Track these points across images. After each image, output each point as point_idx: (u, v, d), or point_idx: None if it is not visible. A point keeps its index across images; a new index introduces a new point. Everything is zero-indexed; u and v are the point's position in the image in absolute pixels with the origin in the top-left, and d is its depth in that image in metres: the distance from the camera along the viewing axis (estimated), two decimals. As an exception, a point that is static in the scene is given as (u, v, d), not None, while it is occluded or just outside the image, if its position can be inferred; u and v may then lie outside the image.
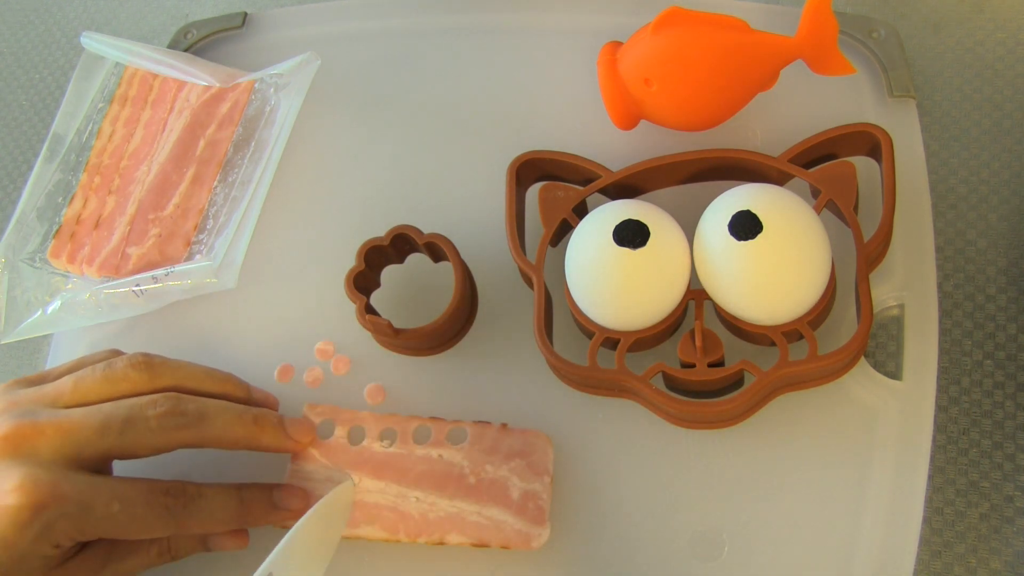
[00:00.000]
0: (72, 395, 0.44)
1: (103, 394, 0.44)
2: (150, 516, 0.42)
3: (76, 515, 0.40)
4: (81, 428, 0.42)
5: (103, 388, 0.44)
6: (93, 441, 0.42)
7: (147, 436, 0.43)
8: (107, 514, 0.41)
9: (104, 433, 0.42)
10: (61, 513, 0.40)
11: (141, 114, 0.60)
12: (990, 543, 0.46)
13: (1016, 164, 0.52)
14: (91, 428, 0.42)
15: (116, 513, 0.41)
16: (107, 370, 0.45)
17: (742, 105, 0.51)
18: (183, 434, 0.43)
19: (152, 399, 0.44)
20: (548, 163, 0.52)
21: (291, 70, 0.58)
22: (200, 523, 0.44)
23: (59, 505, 0.40)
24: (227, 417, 0.45)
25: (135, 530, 0.42)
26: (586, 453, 0.48)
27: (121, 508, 0.41)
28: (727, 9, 0.51)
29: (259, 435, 0.46)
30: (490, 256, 0.53)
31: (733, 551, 0.45)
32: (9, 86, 0.68)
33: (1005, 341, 0.49)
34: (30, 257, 0.57)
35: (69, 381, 0.45)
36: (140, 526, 0.42)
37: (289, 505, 0.46)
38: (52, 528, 0.40)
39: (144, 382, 0.45)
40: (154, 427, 0.43)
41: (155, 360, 0.46)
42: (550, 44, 0.59)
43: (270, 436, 0.46)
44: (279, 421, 0.47)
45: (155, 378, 0.45)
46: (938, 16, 0.57)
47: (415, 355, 0.52)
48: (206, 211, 0.56)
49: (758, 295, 0.45)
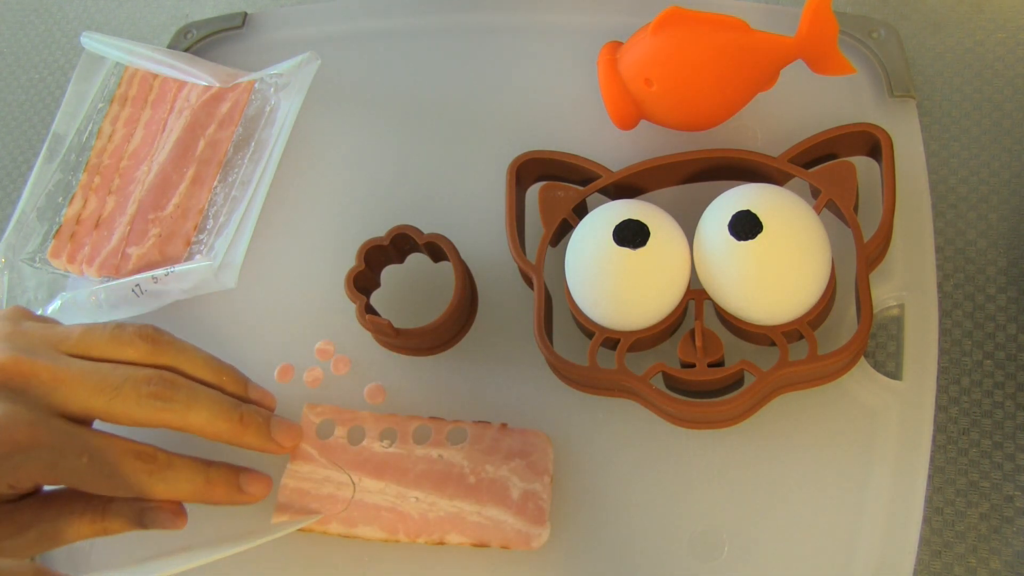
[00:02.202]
0: (77, 343, 0.45)
1: (106, 352, 0.45)
2: (117, 475, 0.42)
3: (46, 460, 0.41)
4: (74, 382, 0.42)
5: (108, 346, 0.45)
6: (82, 398, 0.42)
7: (134, 408, 0.43)
8: (76, 465, 0.41)
9: (95, 394, 0.43)
10: (32, 456, 0.40)
11: (141, 114, 0.60)
12: (990, 543, 0.46)
13: (1016, 164, 0.52)
14: (83, 385, 0.43)
15: (84, 465, 0.41)
16: (116, 330, 0.45)
17: (742, 105, 0.51)
18: (167, 416, 0.44)
19: (148, 375, 0.44)
20: (548, 163, 0.52)
21: (291, 70, 0.58)
22: (164, 491, 0.44)
23: (33, 448, 0.40)
24: (214, 409, 0.45)
25: (99, 485, 0.42)
26: (586, 453, 0.48)
27: (90, 461, 0.42)
28: (727, 9, 0.51)
29: (242, 433, 0.46)
30: (490, 256, 0.53)
31: (733, 551, 0.45)
32: (9, 86, 0.68)
33: (1005, 341, 0.49)
34: (30, 257, 0.57)
35: (78, 329, 0.45)
36: (105, 483, 0.42)
37: (252, 491, 0.46)
38: (19, 468, 0.40)
39: (146, 353, 0.45)
40: (143, 402, 0.43)
41: (163, 336, 0.46)
42: (550, 44, 0.59)
43: (252, 436, 0.46)
44: (265, 422, 0.47)
45: (158, 353, 0.46)
46: (938, 16, 0.57)
47: (415, 355, 0.52)
48: (206, 211, 0.56)
49: (758, 295, 0.45)
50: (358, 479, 0.47)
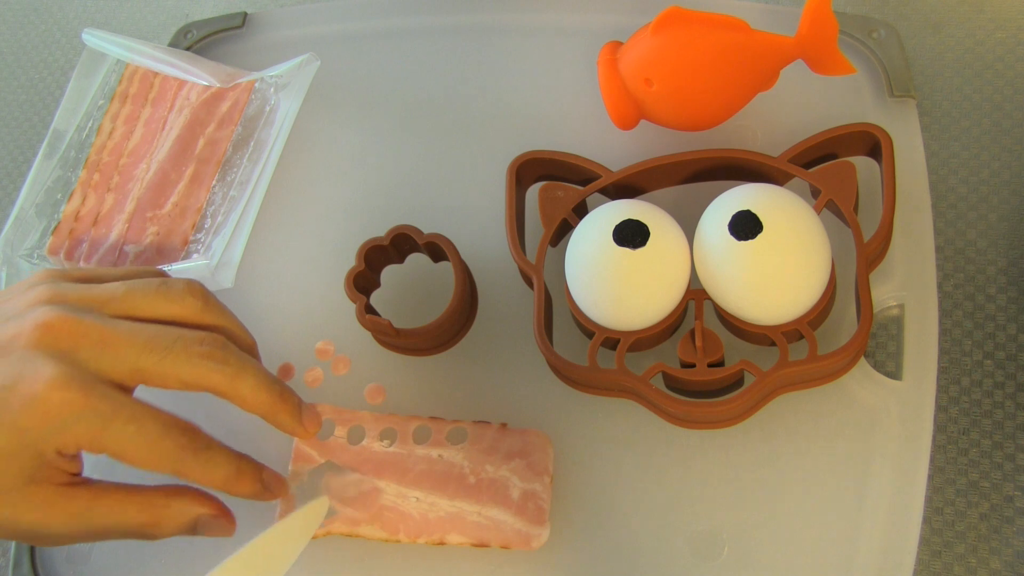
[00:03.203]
0: (121, 304, 0.43)
1: (153, 310, 0.43)
2: (161, 448, 0.41)
3: (94, 424, 0.39)
4: (123, 342, 0.41)
5: (155, 303, 0.43)
6: (132, 358, 0.41)
7: (185, 367, 0.41)
8: (122, 433, 0.40)
9: (145, 352, 0.41)
10: (82, 418, 0.39)
11: (141, 112, 0.60)
12: (990, 543, 0.46)
13: (1016, 164, 0.52)
14: (133, 345, 0.41)
15: (131, 434, 0.40)
16: (163, 287, 0.44)
17: (742, 105, 0.51)
18: (217, 378, 0.42)
19: (200, 335, 0.42)
20: (548, 163, 0.52)
21: (291, 71, 0.58)
22: (200, 472, 0.42)
23: (83, 409, 0.39)
24: (260, 379, 0.44)
25: (142, 456, 0.41)
26: (586, 453, 0.48)
27: (137, 431, 0.40)
28: (727, 9, 0.51)
29: (280, 409, 0.44)
30: (490, 256, 0.53)
31: (733, 551, 0.45)
32: (9, 85, 0.68)
33: (1005, 341, 0.49)
34: (28, 253, 0.57)
35: (121, 288, 0.43)
36: (147, 454, 0.41)
37: (274, 489, 0.46)
38: (68, 430, 0.39)
39: (196, 311, 0.44)
40: (194, 362, 0.42)
41: (211, 295, 0.45)
42: (550, 44, 0.59)
43: (287, 414, 0.45)
44: (299, 402, 0.46)
45: (207, 312, 0.44)
46: (938, 16, 0.57)
47: (415, 355, 0.52)
48: (204, 210, 0.56)
49: (758, 295, 0.45)
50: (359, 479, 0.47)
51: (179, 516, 0.43)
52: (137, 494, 0.42)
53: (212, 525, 0.44)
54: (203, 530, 0.44)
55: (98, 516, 0.41)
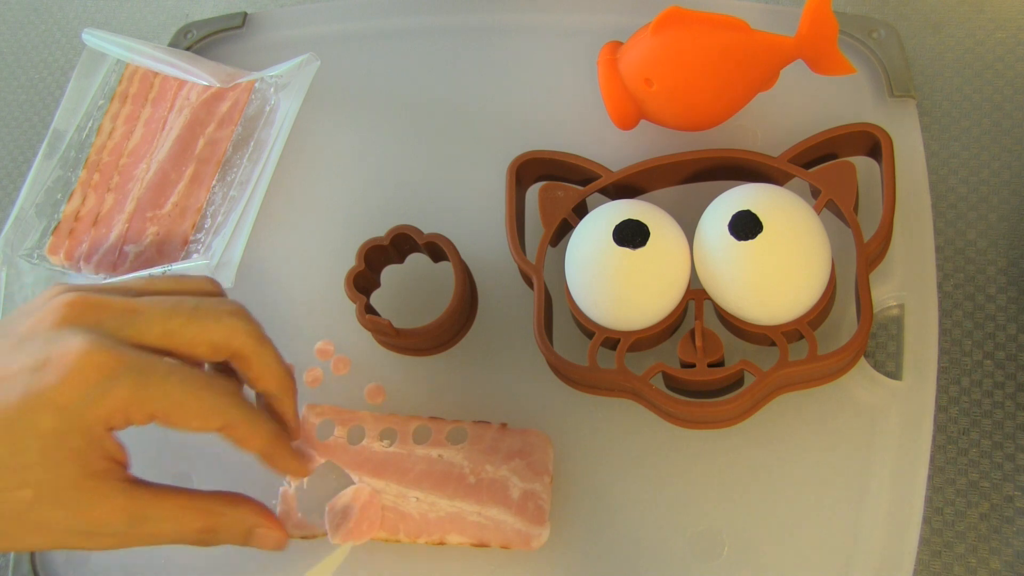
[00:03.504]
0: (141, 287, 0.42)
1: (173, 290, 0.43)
2: (206, 399, 0.40)
3: (135, 384, 0.38)
4: (148, 309, 0.40)
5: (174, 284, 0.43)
6: (158, 322, 0.40)
7: (214, 324, 0.41)
8: (164, 388, 0.39)
9: (171, 315, 0.40)
10: (119, 377, 0.38)
11: (141, 112, 0.60)
12: (990, 543, 0.46)
13: (1016, 164, 0.52)
14: (159, 310, 0.40)
15: (173, 387, 0.39)
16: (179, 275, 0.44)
17: (742, 105, 0.51)
18: (244, 339, 0.42)
19: (221, 299, 0.42)
20: (548, 163, 0.52)
21: (291, 71, 0.58)
22: (247, 428, 0.41)
23: (121, 370, 0.38)
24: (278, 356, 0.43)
25: (189, 410, 0.40)
26: (586, 453, 0.48)
27: (179, 382, 0.39)
28: (727, 9, 0.51)
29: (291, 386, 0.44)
30: (490, 256, 0.53)
31: (733, 551, 0.45)
32: (9, 85, 0.68)
33: (1005, 341, 0.49)
34: (28, 253, 0.57)
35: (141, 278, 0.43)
36: (196, 407, 0.40)
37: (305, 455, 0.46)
38: (108, 394, 0.38)
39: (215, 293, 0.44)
40: (223, 320, 0.41)
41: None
42: (550, 44, 0.59)
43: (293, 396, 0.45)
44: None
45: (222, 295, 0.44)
46: (938, 16, 0.57)
47: (415, 355, 0.52)
48: (204, 210, 0.56)
49: (758, 295, 0.45)
50: (358, 479, 0.47)
51: (236, 524, 0.43)
52: (197, 498, 0.42)
53: (266, 537, 0.44)
54: (256, 541, 0.44)
55: (157, 519, 0.40)
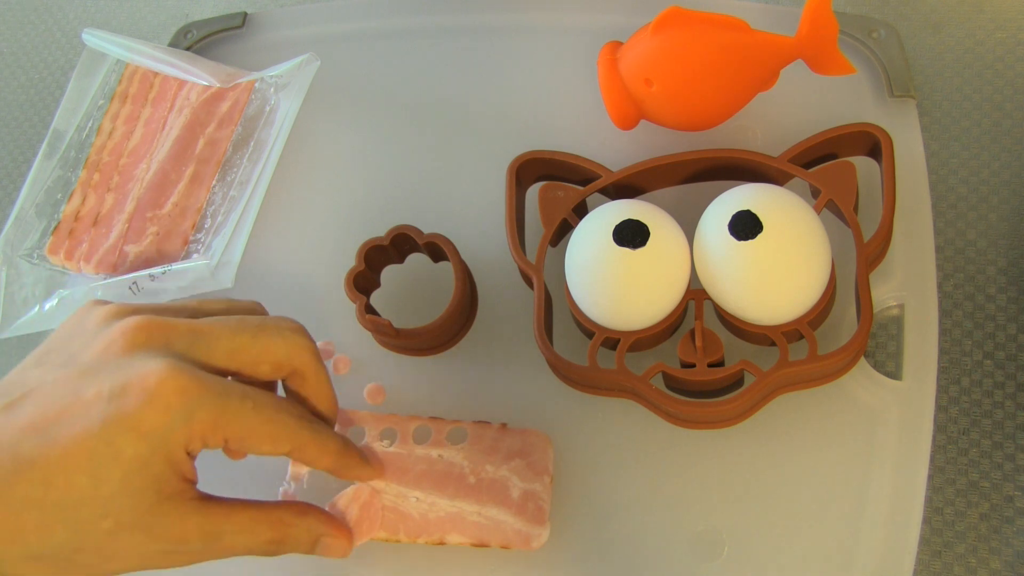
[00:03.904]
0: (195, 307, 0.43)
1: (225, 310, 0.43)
2: (278, 422, 0.40)
3: (214, 408, 0.38)
4: (213, 329, 0.40)
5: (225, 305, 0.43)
6: (226, 339, 0.40)
7: (279, 341, 0.41)
8: (240, 410, 0.39)
9: (237, 333, 0.40)
10: (201, 403, 0.38)
11: (141, 112, 0.60)
12: (990, 543, 0.46)
13: (1016, 164, 0.52)
14: (224, 329, 0.40)
15: (248, 411, 0.39)
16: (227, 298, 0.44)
17: (742, 105, 0.51)
18: (307, 357, 0.42)
19: (281, 316, 0.43)
20: (548, 163, 0.52)
21: (291, 71, 0.58)
22: (316, 448, 0.42)
23: (203, 394, 0.38)
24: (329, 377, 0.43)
25: (263, 433, 0.40)
26: (586, 453, 0.48)
27: (253, 407, 0.39)
28: (727, 9, 0.51)
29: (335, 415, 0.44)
30: (490, 256, 0.53)
31: (733, 551, 0.45)
32: (9, 85, 0.68)
33: (1005, 341, 0.49)
34: (28, 253, 0.57)
35: (192, 301, 0.43)
36: (269, 430, 0.40)
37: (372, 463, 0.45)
38: (192, 418, 0.37)
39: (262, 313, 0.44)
40: (286, 336, 0.41)
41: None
42: (550, 44, 0.59)
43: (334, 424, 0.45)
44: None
45: None
46: (938, 16, 0.57)
47: (415, 355, 0.52)
48: (204, 210, 0.56)
49: (758, 295, 0.45)
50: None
51: (305, 534, 0.43)
52: (267, 511, 0.41)
53: (332, 546, 0.44)
54: (321, 550, 0.44)
55: (231, 533, 0.40)
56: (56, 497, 0.36)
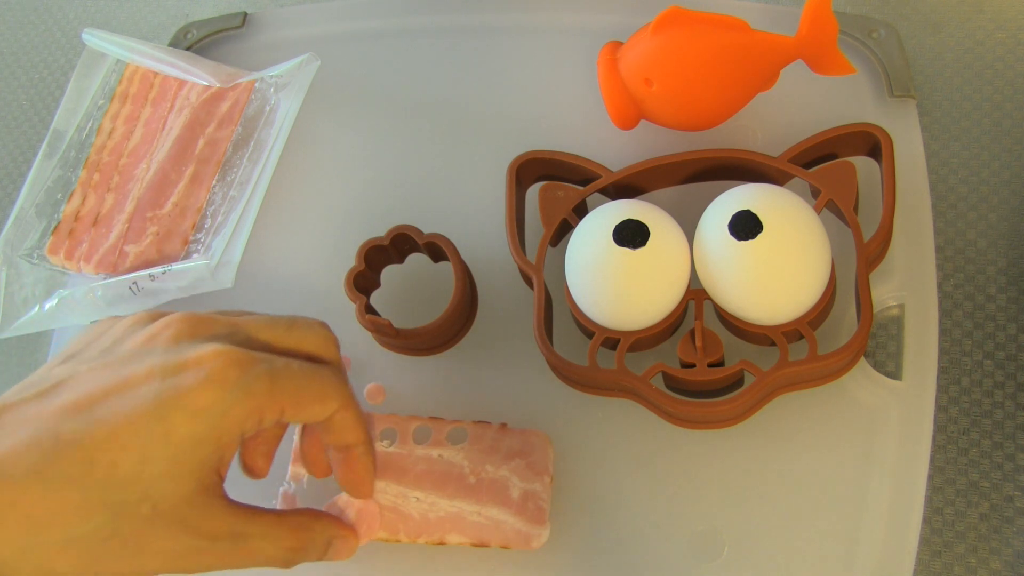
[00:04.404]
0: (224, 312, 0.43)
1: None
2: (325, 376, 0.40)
3: (267, 375, 0.38)
4: (250, 322, 0.41)
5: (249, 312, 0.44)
6: (262, 331, 0.41)
7: (310, 336, 0.41)
8: (288, 371, 0.39)
9: (271, 326, 0.41)
10: (257, 374, 0.38)
11: (141, 112, 0.60)
12: (990, 543, 0.46)
13: (1016, 164, 0.52)
14: (258, 323, 0.41)
15: (296, 370, 0.39)
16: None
17: (742, 105, 0.51)
18: (334, 352, 0.42)
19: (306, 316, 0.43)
20: (548, 163, 0.52)
21: (291, 71, 0.58)
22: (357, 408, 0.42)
23: (254, 364, 0.38)
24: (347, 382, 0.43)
25: (314, 392, 0.40)
26: (586, 453, 0.48)
27: (299, 367, 0.40)
28: (727, 9, 0.51)
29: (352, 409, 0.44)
30: (490, 256, 0.53)
31: (733, 551, 0.45)
32: (9, 85, 0.68)
33: (1005, 341, 0.49)
34: (28, 253, 0.57)
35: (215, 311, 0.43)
36: (318, 386, 0.40)
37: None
38: (250, 391, 0.37)
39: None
40: (316, 330, 0.42)
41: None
42: (550, 44, 0.59)
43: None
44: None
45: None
46: (938, 16, 0.57)
47: (415, 355, 0.52)
48: (204, 210, 0.56)
49: (758, 295, 0.45)
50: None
51: (321, 539, 0.43)
52: (285, 515, 0.41)
53: (341, 548, 0.44)
54: (332, 553, 0.44)
55: (256, 537, 0.40)
56: (100, 475, 0.35)
